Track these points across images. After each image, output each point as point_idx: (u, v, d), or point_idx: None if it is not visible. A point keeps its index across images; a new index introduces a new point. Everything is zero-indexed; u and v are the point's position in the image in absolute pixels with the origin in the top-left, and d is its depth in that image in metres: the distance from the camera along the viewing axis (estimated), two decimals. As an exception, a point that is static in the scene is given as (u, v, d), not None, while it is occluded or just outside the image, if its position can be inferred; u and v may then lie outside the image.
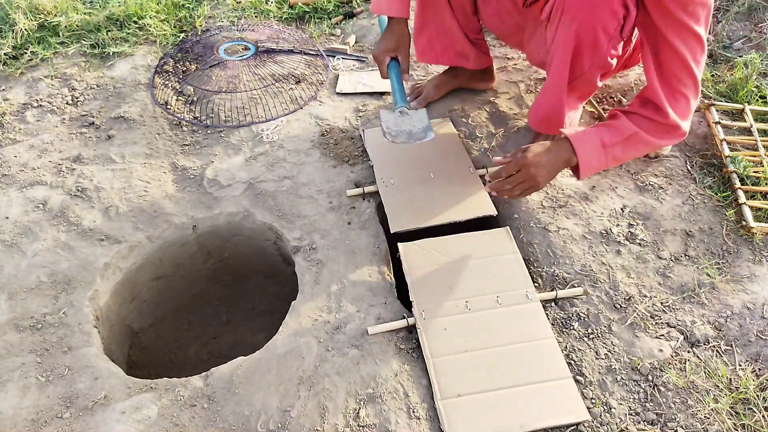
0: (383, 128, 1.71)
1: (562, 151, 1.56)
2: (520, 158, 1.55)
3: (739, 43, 2.38)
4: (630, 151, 1.60)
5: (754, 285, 1.60)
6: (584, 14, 1.48)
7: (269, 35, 2.48)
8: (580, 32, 1.51)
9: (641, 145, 1.58)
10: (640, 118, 1.57)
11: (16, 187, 1.90)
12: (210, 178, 1.91)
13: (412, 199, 1.78)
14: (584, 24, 1.49)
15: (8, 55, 2.37)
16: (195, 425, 1.36)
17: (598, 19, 1.47)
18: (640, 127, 1.56)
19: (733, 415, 1.36)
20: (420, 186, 1.82)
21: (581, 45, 1.54)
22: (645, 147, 1.61)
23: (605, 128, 1.58)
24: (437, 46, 1.97)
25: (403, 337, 1.50)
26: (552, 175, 1.58)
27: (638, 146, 1.59)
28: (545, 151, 1.56)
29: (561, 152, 1.56)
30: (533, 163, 1.53)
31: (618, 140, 1.56)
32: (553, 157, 1.56)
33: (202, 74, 2.29)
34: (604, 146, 1.56)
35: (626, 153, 1.60)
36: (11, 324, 1.56)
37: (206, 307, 2.04)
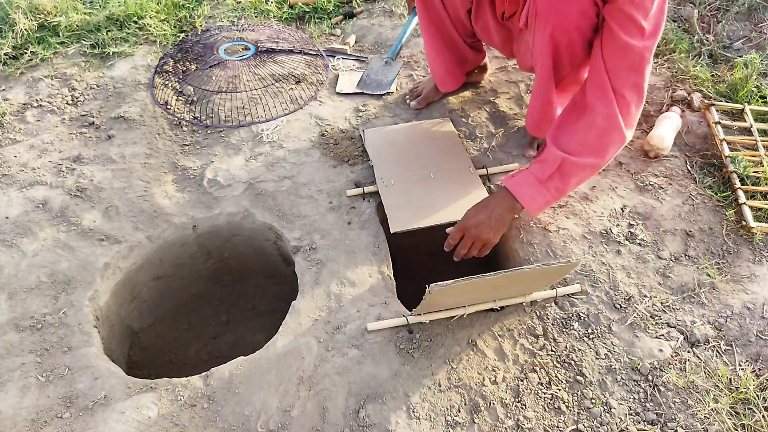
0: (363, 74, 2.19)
1: (501, 200, 1.58)
2: (459, 224, 1.59)
3: (739, 43, 2.38)
4: (570, 178, 1.54)
5: (754, 285, 1.60)
6: (555, 18, 1.48)
7: (269, 35, 2.48)
8: (554, 35, 1.52)
9: (578, 169, 1.52)
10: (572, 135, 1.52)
11: (16, 187, 1.90)
12: (210, 178, 1.91)
13: (412, 199, 1.78)
14: (557, 27, 1.50)
15: (8, 55, 2.37)
16: (195, 425, 1.36)
17: (569, 20, 1.47)
18: (569, 150, 1.51)
19: (733, 415, 1.36)
20: (420, 186, 1.82)
21: (558, 47, 1.55)
22: (583, 170, 1.53)
23: (537, 164, 1.57)
24: (453, 67, 2.01)
25: (403, 337, 1.50)
26: (499, 227, 1.58)
27: (576, 170, 1.53)
28: (483, 208, 1.58)
29: (501, 202, 1.58)
30: (472, 225, 1.57)
31: (550, 171, 1.53)
32: (492, 210, 1.57)
33: (202, 74, 2.29)
34: (540, 182, 1.54)
35: (566, 181, 1.54)
36: (11, 324, 1.56)
37: (206, 307, 2.04)
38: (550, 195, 1.56)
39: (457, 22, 1.88)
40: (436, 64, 2.00)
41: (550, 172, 1.53)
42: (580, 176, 1.55)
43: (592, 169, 1.55)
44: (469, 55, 2.01)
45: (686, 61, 2.24)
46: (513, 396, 1.40)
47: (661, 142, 1.89)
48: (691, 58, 2.26)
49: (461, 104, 2.12)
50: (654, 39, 1.44)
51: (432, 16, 1.87)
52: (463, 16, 1.84)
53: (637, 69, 1.45)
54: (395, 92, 2.20)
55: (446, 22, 1.88)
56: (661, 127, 1.94)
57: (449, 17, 1.86)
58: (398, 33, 2.47)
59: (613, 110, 1.47)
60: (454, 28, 1.89)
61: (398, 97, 2.18)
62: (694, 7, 2.53)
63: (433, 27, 1.90)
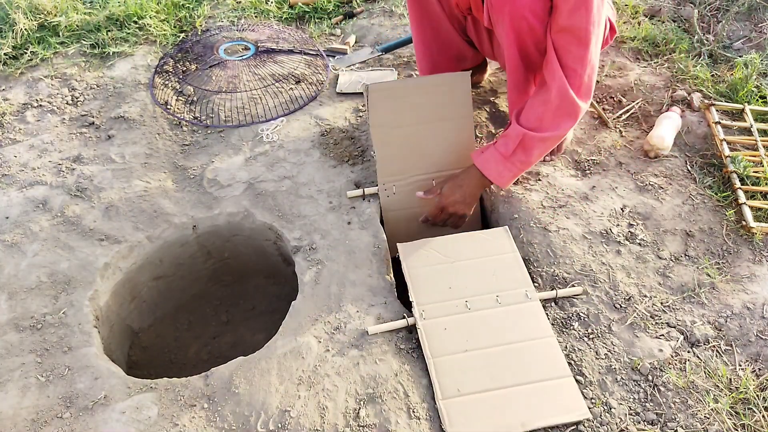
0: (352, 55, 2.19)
1: (472, 177, 1.72)
2: (438, 203, 1.73)
3: (739, 43, 2.38)
4: (532, 150, 1.65)
5: (754, 285, 1.60)
6: (508, 6, 1.55)
7: (269, 35, 2.48)
8: (513, 24, 1.58)
9: (538, 142, 1.63)
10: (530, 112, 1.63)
11: (16, 187, 1.90)
12: (210, 178, 1.91)
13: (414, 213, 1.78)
14: (512, 15, 1.56)
15: (8, 55, 2.37)
16: (195, 425, 1.36)
17: (522, 4, 1.53)
18: (529, 125, 1.62)
19: (733, 415, 1.36)
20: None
21: (520, 35, 1.60)
22: (543, 143, 1.64)
23: (502, 139, 1.68)
24: (441, 63, 2.00)
25: (403, 337, 1.50)
26: (472, 201, 1.75)
27: (537, 144, 1.64)
28: (457, 188, 1.72)
29: (472, 179, 1.72)
30: (449, 204, 1.72)
31: (513, 146, 1.64)
32: (466, 188, 1.72)
33: (202, 74, 2.29)
34: (505, 157, 1.66)
35: (529, 154, 1.65)
36: (11, 324, 1.56)
37: (206, 307, 2.04)
38: (516, 168, 1.68)
39: (452, 18, 1.88)
40: (424, 60, 1.99)
41: (513, 147, 1.65)
42: (541, 149, 1.66)
43: (552, 140, 1.67)
44: (468, 52, 2.00)
45: (686, 61, 2.24)
46: (513, 396, 1.40)
47: (661, 142, 1.89)
48: (691, 58, 2.26)
49: (461, 104, 2.11)
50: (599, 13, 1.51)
51: (425, 9, 1.86)
52: (457, 13, 1.84)
53: (584, 43, 1.53)
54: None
55: (441, 17, 1.87)
56: (661, 127, 1.94)
57: (444, 11, 1.86)
58: (399, 33, 2.47)
59: (563, 85, 1.56)
60: (450, 23, 1.89)
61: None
62: (694, 7, 2.53)
63: (425, 20, 1.89)
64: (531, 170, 1.87)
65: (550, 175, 1.87)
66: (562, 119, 1.61)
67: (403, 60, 2.34)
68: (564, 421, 1.33)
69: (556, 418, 1.33)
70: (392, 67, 2.31)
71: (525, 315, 1.51)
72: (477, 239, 1.68)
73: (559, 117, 1.61)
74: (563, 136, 1.68)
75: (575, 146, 1.97)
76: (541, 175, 1.87)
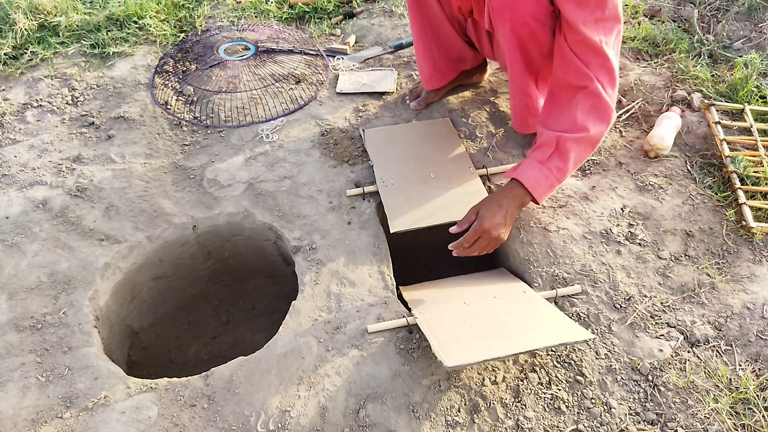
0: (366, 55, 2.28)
1: (512, 197, 1.59)
2: (477, 227, 1.54)
3: (739, 43, 2.38)
4: (568, 154, 1.56)
5: (754, 285, 1.60)
6: (509, 12, 1.53)
7: (269, 35, 2.48)
8: (514, 29, 1.56)
9: (574, 144, 1.56)
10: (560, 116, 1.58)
11: (16, 187, 1.90)
12: (210, 178, 1.91)
13: (411, 199, 1.78)
14: (514, 20, 1.54)
15: (8, 55, 2.37)
16: (195, 425, 1.36)
17: (523, 10, 1.51)
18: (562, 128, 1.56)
19: (733, 415, 1.36)
20: (420, 186, 1.82)
21: (522, 39, 1.58)
22: (579, 145, 1.57)
23: (536, 150, 1.61)
24: (442, 65, 2.00)
25: (403, 337, 1.50)
26: (511, 224, 1.60)
27: (572, 146, 1.56)
28: (498, 208, 1.57)
29: (512, 200, 1.59)
30: (492, 226, 1.54)
31: (549, 151, 1.57)
32: (506, 207, 1.57)
33: (202, 74, 2.29)
34: (541, 163, 1.58)
35: (566, 158, 1.56)
36: (11, 324, 1.56)
37: (206, 307, 2.04)
38: (552, 176, 1.58)
39: (453, 19, 1.88)
40: (424, 61, 1.99)
41: (549, 152, 1.57)
42: (577, 152, 1.58)
43: (587, 143, 1.58)
44: (469, 53, 2.00)
45: (686, 61, 2.24)
46: (513, 396, 1.40)
47: (661, 142, 1.89)
48: (691, 58, 2.26)
49: (461, 104, 2.12)
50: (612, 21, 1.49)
51: (426, 11, 1.86)
52: (457, 12, 1.85)
53: (600, 53, 1.50)
54: (395, 92, 2.20)
55: (442, 18, 1.87)
56: (661, 127, 1.94)
57: (444, 12, 1.86)
58: (399, 33, 2.47)
59: (596, 87, 1.52)
60: (450, 24, 1.89)
61: (398, 97, 2.18)
62: (694, 7, 2.53)
63: (425, 22, 1.89)
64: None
65: (550, 175, 1.87)
66: (595, 120, 1.55)
67: (403, 60, 2.34)
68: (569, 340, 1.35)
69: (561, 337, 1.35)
70: (392, 67, 2.31)
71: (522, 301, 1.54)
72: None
73: (592, 118, 1.54)
74: (597, 142, 1.59)
75: (575, 146, 1.97)
76: (541, 175, 1.87)
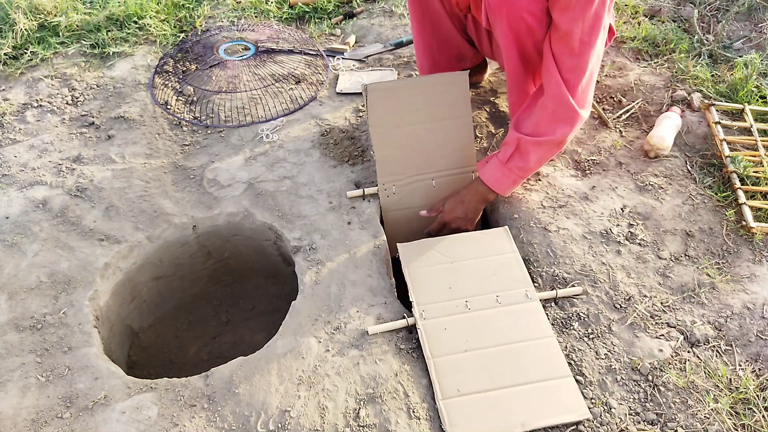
0: None
1: (474, 192, 1.73)
2: (440, 219, 1.74)
3: (739, 43, 2.38)
4: (529, 155, 1.64)
5: (754, 285, 1.60)
6: (506, 8, 1.55)
7: (269, 35, 2.48)
8: (511, 25, 1.58)
9: (534, 146, 1.63)
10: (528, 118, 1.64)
11: (16, 187, 1.90)
12: (210, 178, 1.91)
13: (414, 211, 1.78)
14: (510, 16, 1.56)
15: (8, 55, 2.37)
16: (195, 425, 1.36)
17: (519, 6, 1.53)
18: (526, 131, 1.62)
19: (733, 415, 1.36)
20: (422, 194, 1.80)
21: (519, 35, 1.60)
22: (539, 147, 1.63)
23: (502, 147, 1.69)
24: (441, 61, 2.00)
25: (403, 337, 1.50)
26: (474, 216, 1.75)
27: (532, 148, 1.63)
28: (459, 204, 1.73)
29: (473, 194, 1.73)
30: (451, 219, 1.73)
31: (510, 151, 1.65)
32: (468, 203, 1.73)
33: (202, 74, 2.29)
34: (502, 163, 1.67)
35: (526, 159, 1.64)
36: (11, 324, 1.56)
37: (206, 307, 2.04)
38: (513, 174, 1.67)
39: (453, 16, 1.88)
40: (424, 57, 1.99)
41: (510, 152, 1.66)
42: (539, 153, 1.65)
43: (549, 145, 1.64)
44: (469, 52, 2.00)
45: (686, 61, 2.24)
46: (513, 396, 1.40)
47: (661, 142, 1.89)
48: (691, 58, 2.26)
49: (461, 104, 2.11)
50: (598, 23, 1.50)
51: (426, 7, 1.86)
52: (456, 9, 1.85)
53: (578, 54, 1.53)
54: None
55: (442, 15, 1.87)
56: (661, 127, 1.94)
57: (445, 9, 1.86)
58: (399, 33, 2.47)
59: (562, 92, 1.56)
60: (451, 21, 1.89)
61: (398, 97, 2.18)
62: (694, 7, 2.53)
63: (426, 18, 1.89)
64: (531, 170, 1.87)
65: (550, 175, 1.87)
66: (557, 124, 1.60)
67: (403, 60, 2.34)
68: (564, 421, 1.33)
69: (556, 418, 1.33)
70: (392, 67, 2.31)
71: (525, 315, 1.51)
72: (477, 239, 1.68)
73: (555, 122, 1.60)
74: (562, 143, 1.65)
75: (575, 146, 1.97)
76: (541, 175, 1.86)
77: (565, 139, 1.63)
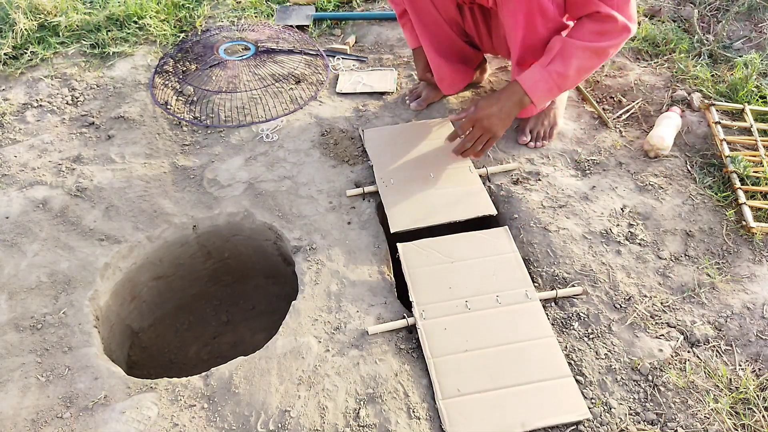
0: None
1: (511, 94, 1.66)
2: (472, 114, 1.67)
3: (739, 43, 2.38)
4: (570, 59, 1.59)
5: (754, 285, 1.60)
6: None
7: (269, 35, 2.48)
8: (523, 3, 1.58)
9: (578, 51, 1.58)
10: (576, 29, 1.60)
11: (16, 187, 1.90)
12: (210, 178, 1.91)
13: (411, 199, 1.78)
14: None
15: (8, 55, 2.37)
16: (195, 425, 1.36)
17: None
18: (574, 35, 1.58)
19: (733, 415, 1.36)
20: (420, 186, 1.82)
21: (531, 13, 1.59)
22: (584, 52, 1.58)
23: (544, 55, 1.64)
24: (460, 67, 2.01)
25: (403, 337, 1.50)
26: (507, 121, 1.69)
27: (576, 53, 1.58)
28: (495, 101, 1.67)
29: (511, 96, 1.66)
30: (485, 115, 1.66)
31: (552, 54, 1.60)
32: (503, 104, 1.66)
33: (202, 74, 2.29)
34: (542, 66, 1.62)
35: (567, 64, 1.59)
36: (11, 324, 1.56)
37: (206, 307, 2.04)
38: (552, 80, 1.62)
39: (450, 21, 1.88)
40: (442, 69, 1.98)
41: (552, 56, 1.61)
42: (581, 59, 1.60)
43: (594, 51, 1.59)
44: (470, 53, 2.02)
45: (686, 61, 2.24)
46: (513, 396, 1.40)
47: (661, 142, 1.89)
48: (691, 58, 2.26)
49: (461, 104, 2.12)
50: None
51: (426, 21, 1.87)
52: (453, 13, 1.85)
53: None
54: (395, 92, 2.20)
55: (440, 23, 1.88)
56: (661, 127, 1.94)
57: (441, 17, 1.86)
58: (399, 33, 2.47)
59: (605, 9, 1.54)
60: (449, 26, 1.90)
61: (398, 97, 2.18)
62: (694, 7, 2.53)
63: (428, 32, 1.90)
64: (530, 170, 1.87)
65: (550, 175, 1.87)
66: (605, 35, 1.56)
67: (403, 60, 2.34)
68: (564, 421, 1.33)
69: (556, 418, 1.33)
70: (392, 67, 2.31)
71: (525, 315, 1.51)
72: (477, 239, 1.68)
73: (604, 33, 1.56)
74: (606, 54, 1.60)
75: (575, 146, 1.97)
76: (541, 175, 1.87)
77: (610, 50, 1.59)
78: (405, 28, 1.99)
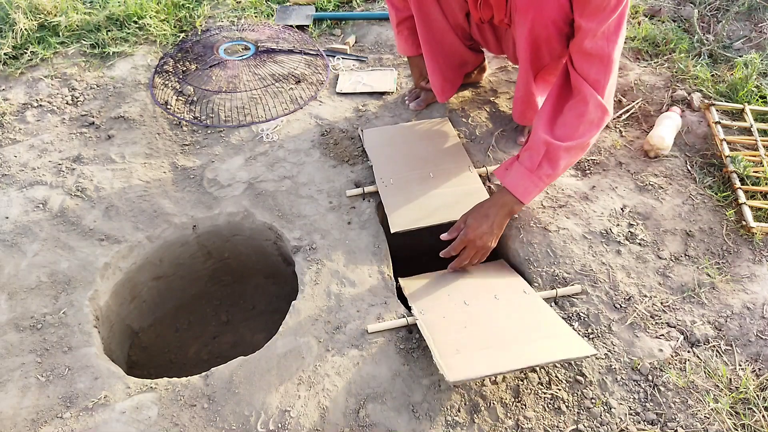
0: None
1: (502, 205, 1.61)
2: (463, 236, 1.60)
3: (739, 43, 2.38)
4: (558, 162, 1.57)
5: (754, 285, 1.60)
6: (533, 12, 1.55)
7: (269, 35, 2.48)
8: (533, 29, 1.58)
9: (564, 152, 1.56)
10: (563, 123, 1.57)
11: (16, 187, 1.90)
12: (210, 178, 1.91)
13: (411, 199, 1.78)
14: (536, 21, 1.56)
15: (8, 55, 2.37)
16: (195, 425, 1.36)
17: (547, 14, 1.53)
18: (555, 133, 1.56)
19: (733, 415, 1.36)
20: (420, 186, 1.82)
21: (537, 40, 1.60)
22: (568, 152, 1.57)
23: (525, 152, 1.61)
24: (449, 74, 2.01)
25: (403, 336, 1.50)
26: (499, 233, 1.63)
27: (563, 155, 1.56)
28: (483, 218, 1.60)
29: (501, 208, 1.61)
30: (476, 236, 1.59)
31: (538, 158, 1.57)
32: (494, 219, 1.60)
33: (202, 74, 2.29)
34: (530, 171, 1.58)
35: (555, 165, 1.57)
36: (11, 324, 1.56)
37: (206, 307, 2.04)
38: (542, 182, 1.60)
39: (456, 27, 1.89)
40: (434, 75, 1.98)
41: (539, 159, 1.57)
42: (567, 160, 1.59)
43: (577, 150, 1.58)
44: (470, 57, 2.02)
45: (686, 61, 2.24)
46: (513, 396, 1.40)
47: (661, 142, 1.89)
48: (691, 58, 2.26)
49: (461, 104, 2.12)
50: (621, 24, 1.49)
51: (432, 26, 1.87)
52: (461, 21, 1.86)
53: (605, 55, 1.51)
54: (395, 92, 2.20)
55: (446, 29, 1.88)
56: (661, 127, 1.94)
57: (449, 23, 1.87)
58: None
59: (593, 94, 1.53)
60: (454, 32, 1.90)
61: (398, 97, 2.18)
62: (694, 7, 2.53)
63: (431, 36, 1.89)
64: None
65: (550, 175, 1.87)
66: (588, 127, 1.56)
67: (403, 60, 2.34)
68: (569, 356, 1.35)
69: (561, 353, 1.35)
70: (392, 67, 2.31)
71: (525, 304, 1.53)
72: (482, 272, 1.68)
73: (586, 125, 1.55)
74: (588, 146, 1.60)
75: (575, 146, 1.97)
76: (541, 175, 1.87)
77: (590, 142, 1.59)
78: (401, 36, 1.98)
